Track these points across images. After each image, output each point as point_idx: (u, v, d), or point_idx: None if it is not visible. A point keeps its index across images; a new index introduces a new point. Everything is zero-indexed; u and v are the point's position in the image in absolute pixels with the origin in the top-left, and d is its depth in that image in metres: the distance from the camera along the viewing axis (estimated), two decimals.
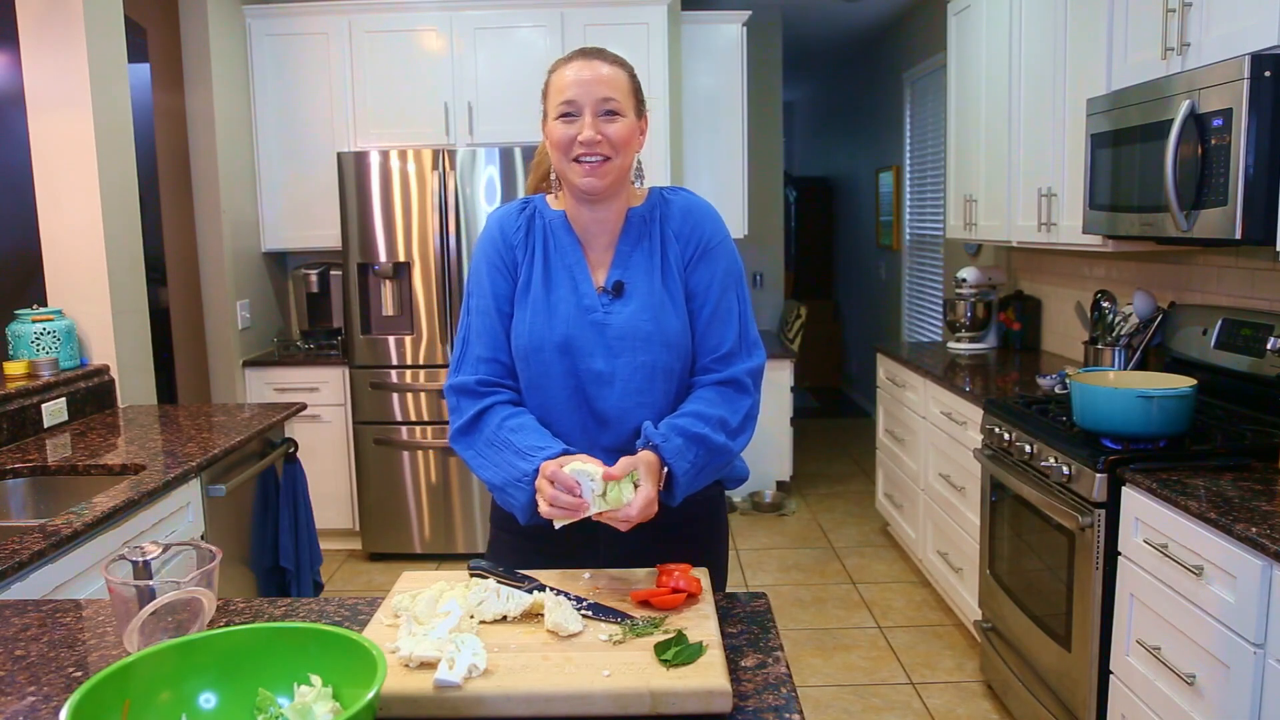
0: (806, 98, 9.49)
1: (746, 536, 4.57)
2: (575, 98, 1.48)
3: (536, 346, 1.53)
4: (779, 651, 1.24)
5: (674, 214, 1.60)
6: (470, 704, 1.06)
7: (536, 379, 1.55)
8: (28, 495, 2.37)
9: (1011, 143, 3.57)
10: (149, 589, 1.22)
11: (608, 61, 1.53)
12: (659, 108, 4.40)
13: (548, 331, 1.52)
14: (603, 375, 1.52)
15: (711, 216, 1.64)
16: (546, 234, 1.59)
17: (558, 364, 1.52)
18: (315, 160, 4.40)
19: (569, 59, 1.53)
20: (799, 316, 5.66)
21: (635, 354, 1.52)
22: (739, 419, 1.54)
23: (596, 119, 1.48)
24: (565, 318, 1.53)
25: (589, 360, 1.52)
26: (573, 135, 1.48)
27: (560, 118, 1.49)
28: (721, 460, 1.52)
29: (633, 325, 1.52)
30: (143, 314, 3.24)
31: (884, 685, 3.09)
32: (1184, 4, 2.33)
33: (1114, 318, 3.13)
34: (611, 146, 1.49)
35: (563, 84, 1.50)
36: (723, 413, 1.52)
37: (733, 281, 1.60)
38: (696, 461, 1.47)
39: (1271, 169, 2.06)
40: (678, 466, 1.44)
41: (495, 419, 1.52)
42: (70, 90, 2.93)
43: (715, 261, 1.59)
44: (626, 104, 1.51)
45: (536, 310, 1.54)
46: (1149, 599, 2.05)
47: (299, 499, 2.95)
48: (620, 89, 1.51)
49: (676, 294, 1.56)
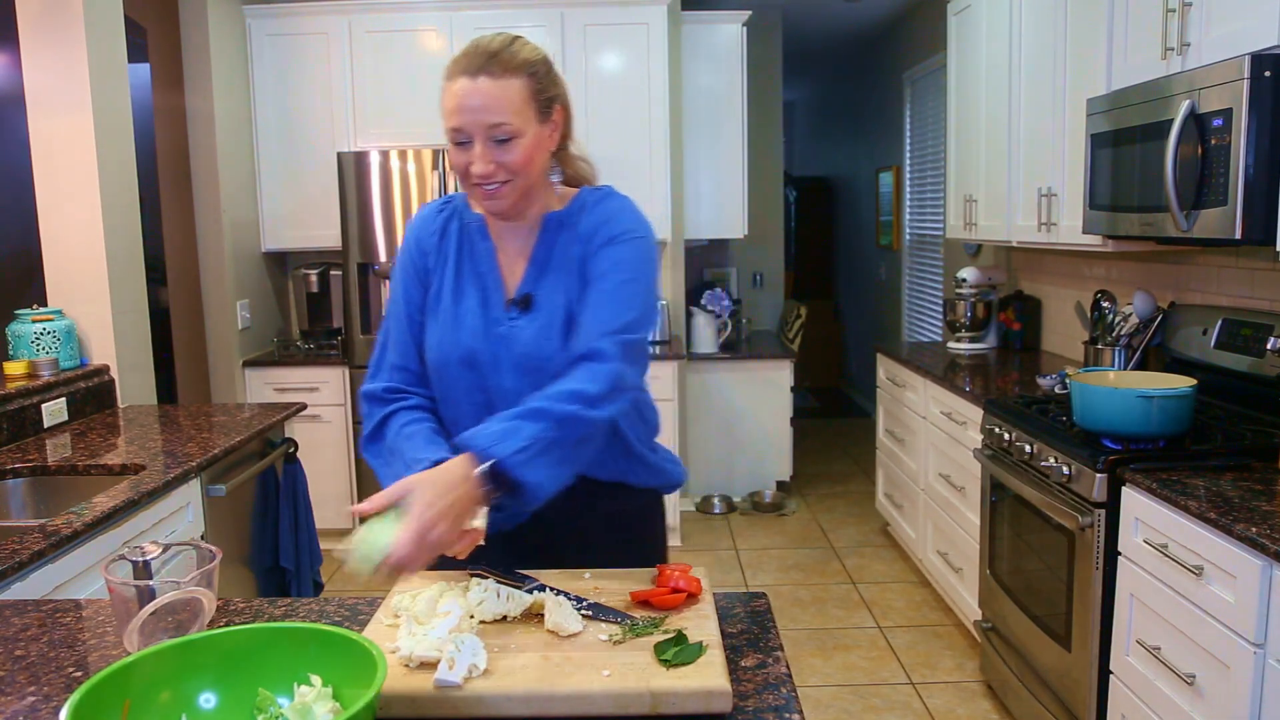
0: (806, 98, 9.49)
1: (746, 536, 4.57)
2: (462, 125, 1.35)
3: (443, 360, 1.47)
4: (779, 651, 1.24)
5: (587, 220, 1.47)
6: (470, 704, 1.06)
7: (446, 393, 1.49)
8: (28, 495, 2.37)
9: (1011, 143, 3.57)
10: (149, 589, 1.22)
11: (498, 72, 1.35)
12: (659, 108, 4.41)
13: (452, 346, 1.46)
14: (510, 392, 1.42)
15: (624, 213, 1.47)
16: (463, 239, 1.50)
17: (464, 379, 1.46)
18: (315, 160, 4.40)
19: (458, 67, 1.36)
20: (799, 316, 5.66)
21: (541, 375, 1.40)
22: (600, 386, 1.32)
23: (488, 147, 1.36)
24: (471, 331, 1.45)
25: (497, 377, 1.44)
26: (466, 163, 1.37)
27: (453, 142, 1.38)
28: (580, 433, 1.30)
29: (536, 345, 1.43)
30: (143, 314, 3.24)
31: (884, 685, 3.09)
32: (1184, 4, 2.33)
33: (1114, 318, 3.13)
34: (509, 171, 1.37)
35: (450, 103, 1.36)
36: (574, 385, 1.32)
37: (634, 276, 1.41)
38: (536, 440, 1.25)
39: (1271, 169, 2.06)
40: (501, 450, 1.23)
41: (395, 426, 1.46)
42: (70, 90, 2.93)
43: (617, 251, 1.42)
44: (523, 119, 1.36)
45: (444, 322, 1.47)
46: (1149, 599, 2.05)
47: (299, 499, 2.95)
48: (511, 106, 1.35)
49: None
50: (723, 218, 4.95)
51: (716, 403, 4.90)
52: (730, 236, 5.07)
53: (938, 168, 5.45)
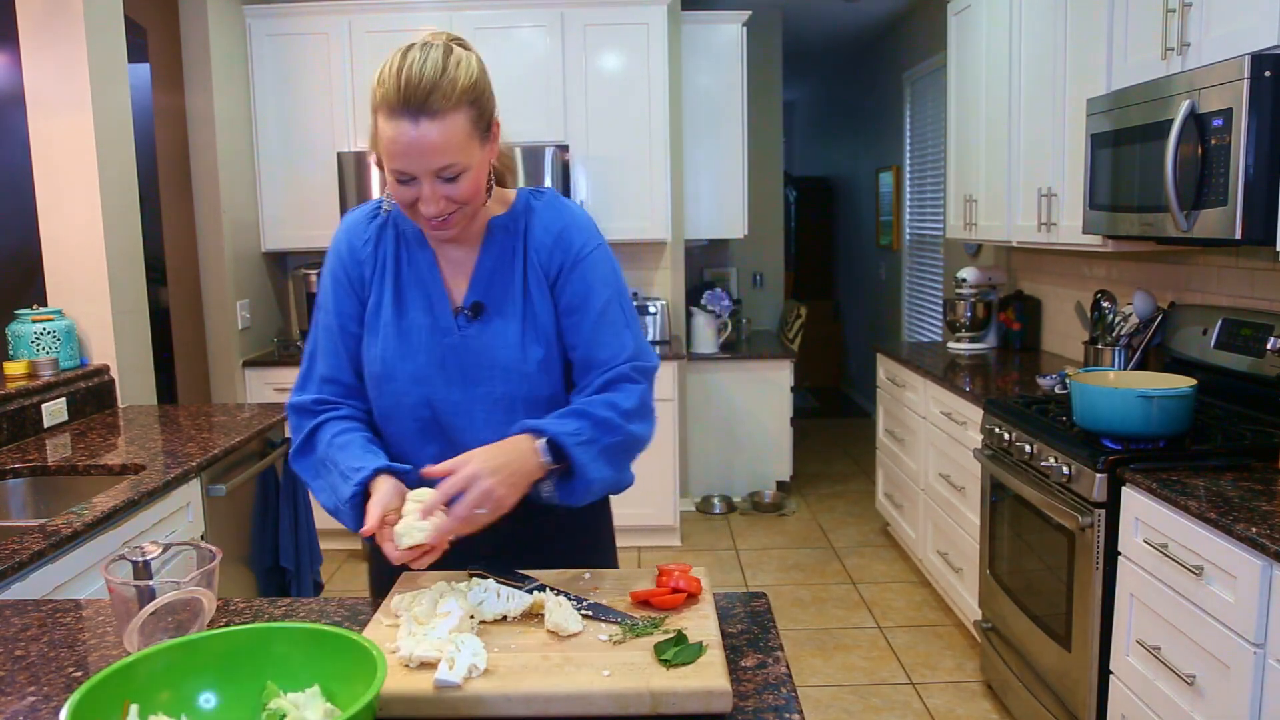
0: (806, 98, 9.49)
1: (746, 536, 4.57)
2: (406, 169, 1.28)
3: (388, 375, 1.41)
4: (779, 651, 1.24)
5: (536, 225, 1.43)
6: (470, 704, 1.06)
7: (389, 410, 1.43)
8: (28, 495, 2.37)
9: (1011, 143, 3.57)
10: (149, 589, 1.22)
11: (438, 112, 1.25)
12: (659, 108, 4.41)
13: (400, 360, 1.40)
14: (460, 406, 1.40)
15: (579, 224, 1.45)
16: (399, 246, 1.44)
17: (411, 394, 1.41)
18: (315, 160, 4.40)
19: (393, 104, 1.25)
20: (799, 316, 5.66)
21: (493, 384, 1.39)
22: (632, 403, 1.38)
23: (435, 186, 1.29)
24: (419, 344, 1.40)
25: (445, 390, 1.40)
26: (412, 198, 1.31)
27: (396, 179, 1.30)
28: (618, 439, 1.36)
29: (491, 353, 1.40)
30: (143, 314, 3.24)
31: (884, 685, 3.09)
32: (1184, 4, 2.33)
33: (1114, 318, 3.13)
34: (458, 203, 1.32)
35: (390, 146, 1.26)
36: (609, 398, 1.38)
37: (612, 292, 1.44)
38: (582, 431, 1.32)
39: (1271, 169, 2.06)
40: (556, 429, 1.30)
41: (325, 436, 1.41)
42: (70, 90, 2.93)
43: (587, 272, 1.42)
44: (467, 153, 1.29)
45: (388, 336, 1.41)
46: (1149, 599, 2.05)
47: (299, 499, 2.95)
48: (455, 144, 1.27)
49: (542, 317, 1.42)
50: (723, 218, 4.95)
51: (716, 403, 4.90)
52: (730, 236, 5.07)
53: (938, 168, 5.45)
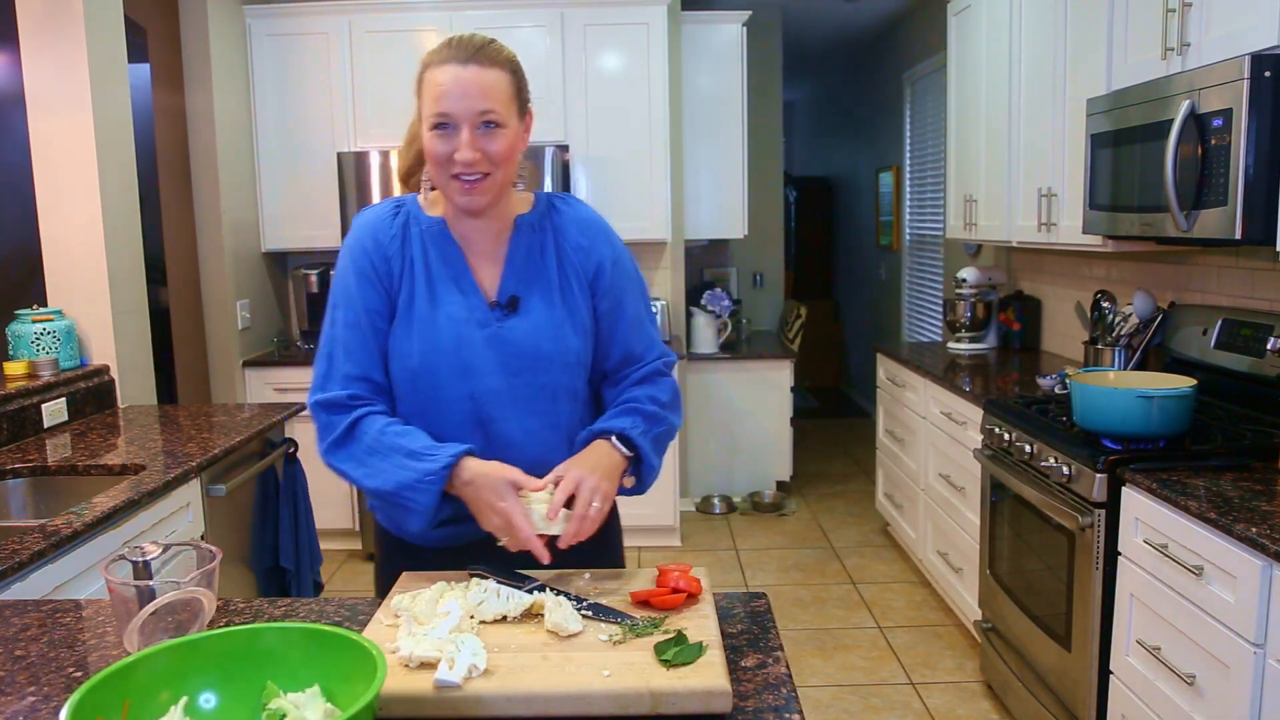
0: (806, 98, 9.49)
1: (746, 536, 4.57)
2: (451, 110, 1.34)
3: (428, 368, 1.43)
4: (779, 651, 1.24)
5: (569, 227, 1.51)
6: (470, 704, 1.06)
7: (426, 403, 1.44)
8: (28, 495, 2.37)
9: (1011, 143, 3.57)
10: (149, 589, 1.22)
11: (487, 63, 1.35)
12: (659, 108, 4.41)
13: (438, 353, 1.42)
14: (500, 396, 1.43)
15: (607, 228, 1.55)
16: (425, 243, 1.46)
17: (452, 386, 1.43)
18: (315, 160, 4.40)
19: (443, 56, 1.36)
20: (799, 316, 5.66)
21: (535, 373, 1.44)
22: (667, 395, 1.54)
23: (475, 134, 1.35)
24: (458, 336, 1.43)
25: (485, 379, 1.43)
26: (449, 151, 1.36)
27: (435, 129, 1.36)
28: (663, 429, 1.51)
29: (532, 344, 1.44)
30: (143, 314, 3.24)
31: (884, 685, 3.09)
32: (1184, 4, 2.33)
33: (1114, 318, 3.13)
34: (492, 163, 1.37)
35: (436, 90, 1.34)
36: (648, 391, 1.52)
37: (640, 293, 1.56)
38: (638, 424, 1.46)
39: (1271, 169, 2.06)
40: (619, 425, 1.44)
41: (374, 426, 1.41)
42: (70, 90, 2.93)
43: (622, 275, 1.53)
44: (508, 112, 1.37)
45: (424, 329, 1.43)
46: (1149, 599, 2.05)
47: (299, 499, 2.95)
48: (501, 96, 1.36)
49: (578, 311, 1.48)
50: (723, 218, 4.95)
51: (716, 403, 4.90)
52: (730, 236, 5.07)
53: (938, 168, 5.45)
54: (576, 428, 1.50)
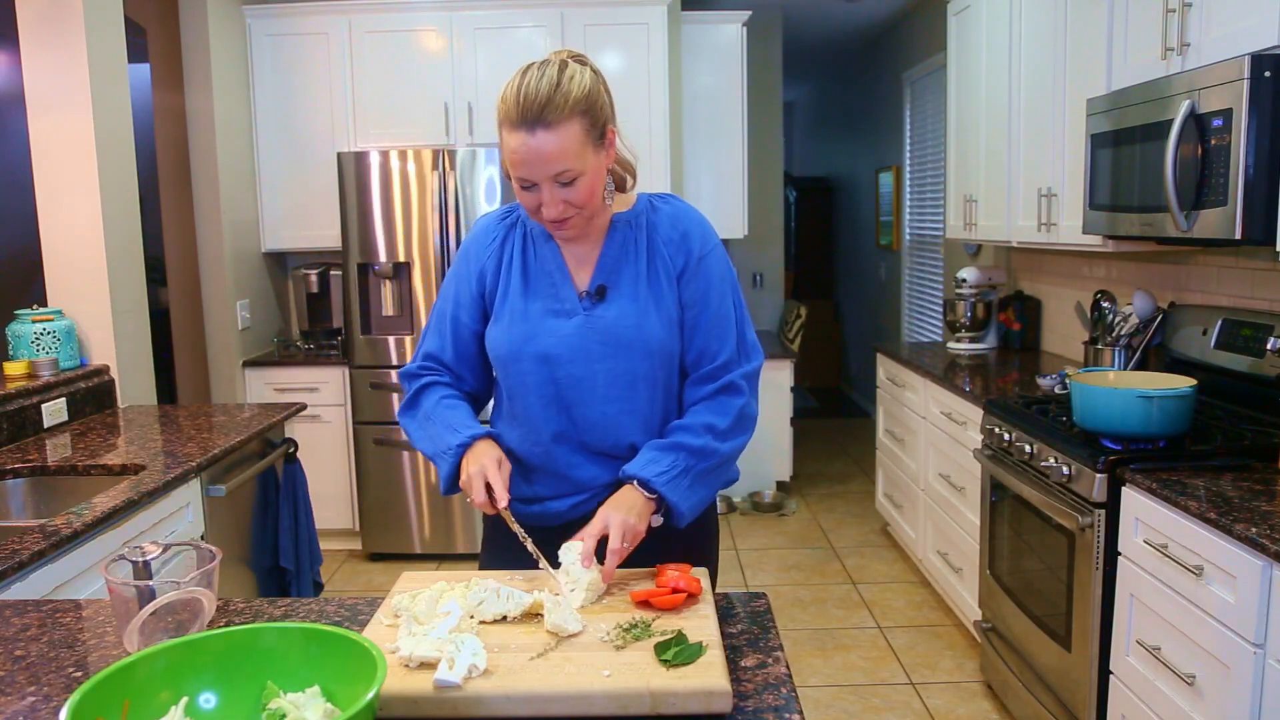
0: (806, 98, 9.49)
1: (746, 536, 4.57)
2: (527, 176, 1.41)
3: (514, 355, 1.53)
4: (779, 651, 1.24)
5: (662, 222, 1.57)
6: (470, 704, 1.06)
7: (515, 386, 1.56)
8: (28, 495, 2.37)
9: (1011, 143, 3.57)
10: (149, 589, 1.22)
11: (553, 122, 1.37)
12: (659, 108, 4.41)
13: (525, 341, 1.52)
14: (582, 381, 1.52)
15: (701, 224, 1.60)
16: (526, 242, 1.58)
17: (536, 372, 1.52)
18: (315, 160, 4.40)
19: (513, 117, 1.38)
20: (799, 316, 5.66)
21: (615, 360, 1.51)
22: (728, 421, 1.54)
23: (555, 190, 1.41)
24: (543, 325, 1.53)
25: (567, 366, 1.51)
26: (535, 204, 1.44)
27: (520, 186, 1.44)
28: (711, 463, 1.52)
29: (614, 330, 1.51)
30: (143, 314, 3.24)
31: (884, 685, 3.09)
32: (1184, 4, 2.33)
33: (1114, 318, 3.13)
34: (576, 208, 1.44)
35: (511, 154, 1.41)
36: (707, 419, 1.53)
37: (728, 288, 1.59)
38: (675, 466, 1.48)
39: (1271, 169, 2.06)
40: (646, 472, 1.45)
41: (433, 396, 1.60)
42: (70, 90, 2.93)
43: (709, 269, 1.57)
44: (582, 160, 1.41)
45: (514, 319, 1.54)
46: (1149, 599, 2.05)
47: (299, 499, 2.95)
48: (571, 151, 1.39)
49: (664, 301, 1.54)
50: (723, 218, 4.94)
51: None
52: (730, 236, 5.07)
53: (938, 168, 5.45)
54: (656, 415, 1.56)
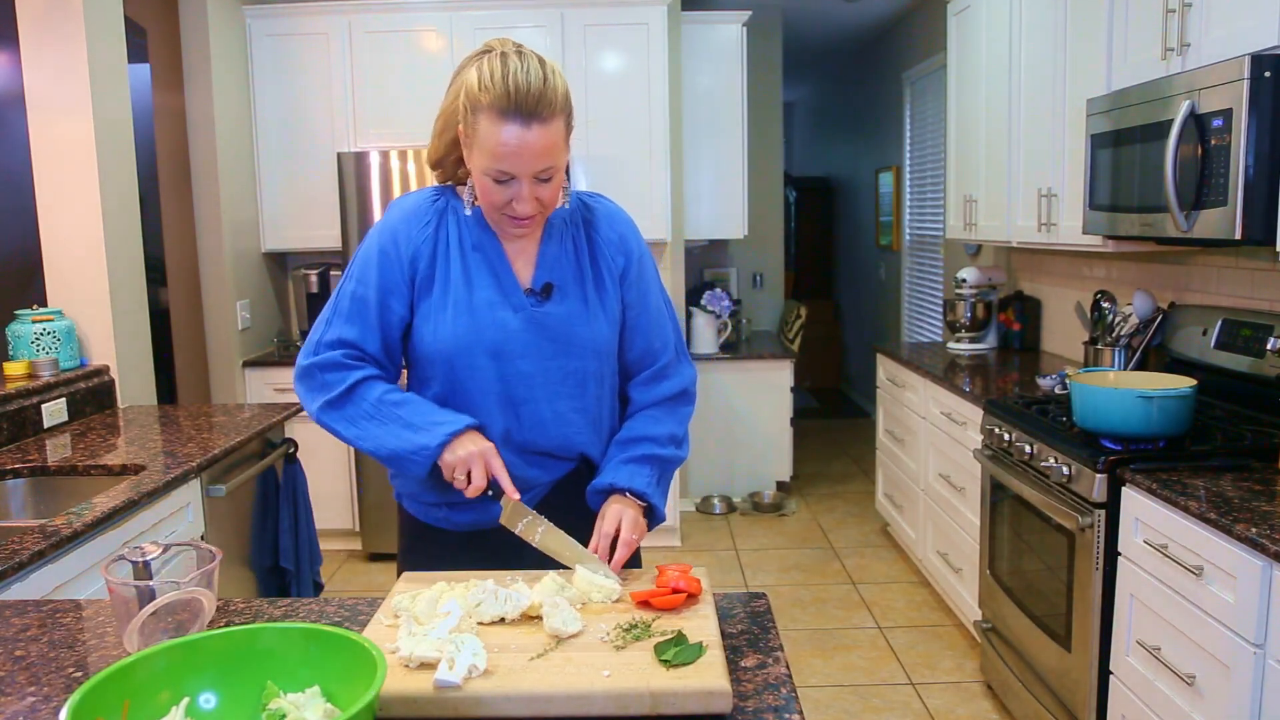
0: (806, 98, 9.49)
1: (746, 536, 4.57)
2: (512, 170, 1.37)
3: (464, 348, 1.47)
4: (779, 651, 1.24)
5: (600, 222, 1.56)
6: (470, 704, 1.06)
7: (460, 383, 1.49)
8: (28, 495, 2.37)
9: (1011, 143, 3.57)
10: (149, 589, 1.22)
11: (547, 117, 1.36)
12: (659, 108, 4.40)
13: (475, 334, 1.47)
14: (532, 377, 1.49)
15: (632, 224, 1.61)
16: (461, 229, 1.51)
17: (486, 368, 1.47)
18: (315, 160, 4.40)
19: (503, 108, 1.34)
20: (799, 316, 5.66)
21: (567, 358, 1.50)
22: (684, 430, 1.61)
23: (533, 187, 1.39)
24: (493, 319, 1.47)
25: (517, 362, 1.48)
26: (506, 199, 1.41)
27: (494, 179, 1.39)
28: (674, 467, 1.58)
29: (565, 329, 1.50)
30: (143, 314, 3.24)
31: (884, 685, 3.09)
32: (1184, 4, 2.33)
33: (1114, 318, 3.13)
34: (544, 206, 1.43)
35: (498, 147, 1.36)
36: (670, 429, 1.58)
37: (660, 290, 1.62)
38: (654, 475, 1.53)
39: (1271, 169, 2.06)
40: (636, 484, 1.50)
41: (373, 391, 1.46)
42: (70, 91, 2.93)
43: (646, 270, 1.59)
44: (562, 154, 1.40)
45: (459, 312, 1.47)
46: (1149, 599, 2.05)
47: (299, 499, 2.95)
48: (557, 148, 1.38)
49: (609, 302, 1.54)
50: (723, 218, 4.95)
51: (716, 403, 4.90)
52: (730, 236, 5.07)
53: (938, 168, 5.45)
54: (604, 413, 1.57)
